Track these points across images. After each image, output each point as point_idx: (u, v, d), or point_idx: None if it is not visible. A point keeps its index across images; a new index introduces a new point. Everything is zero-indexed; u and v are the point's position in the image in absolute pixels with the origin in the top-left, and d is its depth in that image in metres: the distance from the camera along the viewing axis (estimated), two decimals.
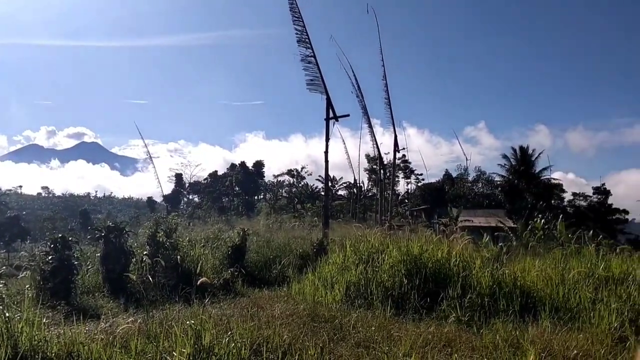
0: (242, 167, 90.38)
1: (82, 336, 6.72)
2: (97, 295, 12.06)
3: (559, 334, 7.75)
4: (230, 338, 6.54)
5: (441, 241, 12.59)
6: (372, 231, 14.80)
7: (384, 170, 44.36)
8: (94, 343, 6.47)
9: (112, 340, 6.71)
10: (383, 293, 10.53)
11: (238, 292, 13.01)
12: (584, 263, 11.16)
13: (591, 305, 9.10)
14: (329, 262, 13.20)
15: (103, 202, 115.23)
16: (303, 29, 25.93)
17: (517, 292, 9.87)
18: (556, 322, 8.61)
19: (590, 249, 12.38)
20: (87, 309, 10.41)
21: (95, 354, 6.14)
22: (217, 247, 17.22)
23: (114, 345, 6.44)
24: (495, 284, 10.11)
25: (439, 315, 9.48)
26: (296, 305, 10.10)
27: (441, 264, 11.20)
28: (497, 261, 11.86)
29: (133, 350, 6.38)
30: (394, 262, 11.37)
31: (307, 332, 7.80)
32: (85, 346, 6.36)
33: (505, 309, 9.39)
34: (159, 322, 7.51)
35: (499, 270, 10.71)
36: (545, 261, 12.28)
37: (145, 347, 6.58)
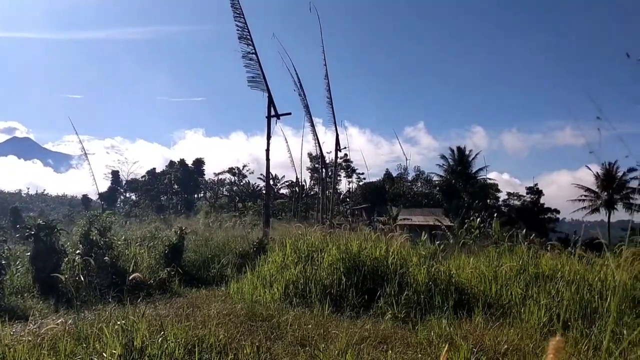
0: (181, 165, 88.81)
1: (7, 338, 6.43)
2: (26, 296, 11.58)
3: (491, 329, 7.98)
4: (163, 338, 6.39)
5: (380, 239, 12.73)
6: (313, 230, 14.81)
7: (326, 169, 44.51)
8: (20, 345, 6.19)
9: (40, 342, 6.45)
10: (322, 291, 10.55)
11: (175, 292, 12.77)
12: (516, 260, 11.50)
13: (522, 301, 9.39)
14: (269, 261, 13.12)
15: (35, 200, 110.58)
16: (244, 26, 25.68)
17: (451, 288, 10.09)
18: (489, 317, 8.84)
19: (522, 247, 12.77)
20: (15, 310, 10.01)
21: (21, 356, 5.88)
22: (153, 246, 16.83)
23: (41, 347, 6.19)
24: (431, 281, 10.29)
25: (376, 312, 9.57)
26: (234, 304, 10.00)
27: (379, 261, 11.32)
28: (434, 259, 12.07)
29: (62, 352, 6.16)
30: (333, 260, 11.41)
31: (244, 331, 7.73)
32: (11, 348, 6.09)
33: (440, 305, 9.56)
34: (90, 323, 7.28)
35: (434, 267, 10.90)
36: (479, 259, 12.60)
37: (75, 348, 6.36)
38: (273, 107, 26.52)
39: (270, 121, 26.49)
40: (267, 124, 26.46)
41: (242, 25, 25.74)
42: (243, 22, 25.71)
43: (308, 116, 35.82)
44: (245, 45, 25.98)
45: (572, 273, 10.46)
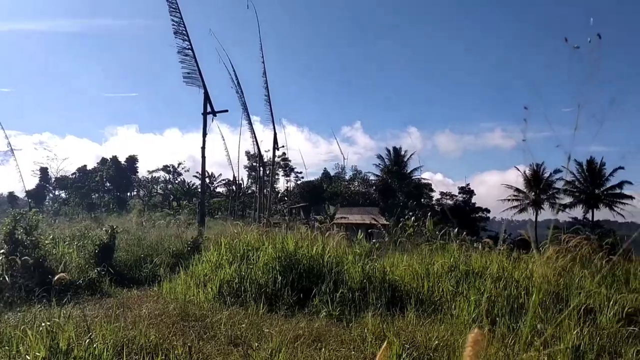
0: (113, 162, 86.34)
1: None
2: None
3: (423, 325, 8.14)
4: (90, 340, 6.18)
5: (316, 238, 12.78)
6: (249, 229, 14.71)
7: (264, 168, 44.35)
8: None
9: None
10: (257, 290, 10.48)
11: (105, 292, 12.37)
12: (448, 258, 11.80)
13: (453, 297, 9.64)
14: (203, 260, 12.92)
15: None
16: (180, 20, 25.27)
17: (385, 286, 10.23)
18: (421, 314, 9.03)
19: (454, 244, 13.12)
20: None
21: None
22: (83, 245, 16.24)
23: None
24: (366, 278, 10.42)
25: (312, 310, 9.59)
26: (166, 304, 9.78)
27: (315, 260, 11.36)
28: (369, 257, 12.23)
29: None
30: (269, 259, 11.36)
31: (176, 331, 7.58)
32: None
33: (374, 302, 9.68)
34: (13, 325, 6.96)
35: (369, 265, 11.04)
36: (413, 256, 12.85)
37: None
38: (209, 104, 26.21)
39: (206, 118, 26.19)
40: (203, 121, 26.16)
41: (177, 20, 25.34)
42: (179, 17, 25.30)
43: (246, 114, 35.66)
44: (181, 41, 25.60)
45: (500, 270, 10.85)
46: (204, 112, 26.06)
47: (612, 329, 7.57)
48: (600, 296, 8.85)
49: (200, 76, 25.72)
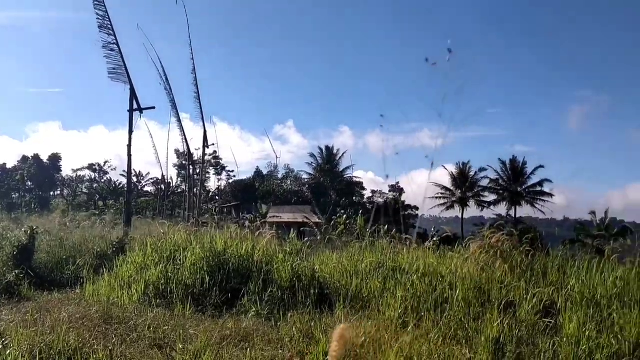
0: (35, 160, 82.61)
1: None
2: None
3: (352, 322, 8.19)
4: (4, 346, 5.86)
5: (246, 237, 12.67)
6: (176, 228, 14.41)
7: (194, 166, 43.60)
8: None
9: None
10: (184, 291, 10.27)
11: (24, 296, 11.79)
12: (376, 255, 11.96)
13: (381, 294, 9.76)
14: (128, 261, 12.54)
15: None
16: (105, 15, 24.47)
17: (315, 284, 10.25)
18: (349, 311, 9.09)
19: (382, 242, 13.33)
20: None
21: None
22: (1, 247, 15.45)
23: None
24: (295, 277, 10.40)
25: (240, 310, 9.49)
26: (89, 307, 9.41)
27: (245, 259, 11.25)
28: (299, 255, 12.23)
29: None
30: (196, 259, 11.16)
31: (97, 335, 7.30)
32: None
33: (303, 301, 9.68)
34: None
35: (299, 264, 11.02)
36: (343, 254, 12.95)
37: None
38: (136, 101, 25.51)
39: (132, 115, 25.48)
40: (129, 118, 25.42)
41: (102, 14, 24.53)
42: (104, 10, 24.50)
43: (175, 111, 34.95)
44: (106, 35, 24.79)
45: (426, 266, 11.09)
46: (130, 109, 25.33)
47: (531, 321, 7.86)
48: (520, 290, 9.18)
49: (126, 72, 25.02)
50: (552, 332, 7.51)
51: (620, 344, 6.64)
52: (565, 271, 10.58)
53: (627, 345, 6.59)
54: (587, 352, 6.43)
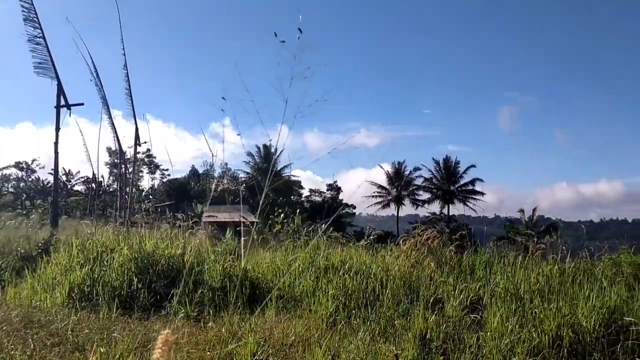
0: None
1: None
2: None
3: (282, 322, 8.16)
4: None
5: (177, 237, 12.42)
6: (104, 229, 13.97)
7: (125, 164, 42.41)
8: None
9: None
10: (110, 293, 9.93)
11: None
12: (309, 254, 11.97)
13: (312, 292, 9.76)
14: (52, 263, 12.03)
15: None
16: (31, 6, 23.38)
17: (246, 284, 10.15)
18: (281, 310, 9.06)
19: (316, 240, 13.36)
20: None
21: None
22: None
23: None
24: (227, 277, 10.26)
25: (169, 312, 9.26)
26: (9, 311, 8.97)
27: (175, 260, 11.01)
28: (233, 255, 12.10)
29: None
30: (124, 260, 10.82)
31: (16, 340, 6.96)
32: None
33: (235, 301, 9.56)
34: None
35: (230, 264, 10.89)
36: (277, 253, 12.91)
37: None
38: (63, 97, 24.53)
39: (59, 111, 24.48)
40: (56, 115, 24.42)
41: (28, 5, 23.42)
42: (29, 2, 23.40)
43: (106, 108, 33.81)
44: (32, 28, 23.68)
45: (359, 264, 11.19)
46: (57, 105, 24.34)
47: (457, 316, 8.04)
48: (448, 286, 9.38)
49: (54, 67, 24.01)
50: (477, 327, 7.71)
51: (540, 337, 6.88)
52: (492, 267, 10.90)
53: (547, 339, 6.84)
54: (509, 346, 6.63)
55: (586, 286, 8.86)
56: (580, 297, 8.14)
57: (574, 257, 11.47)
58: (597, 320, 7.24)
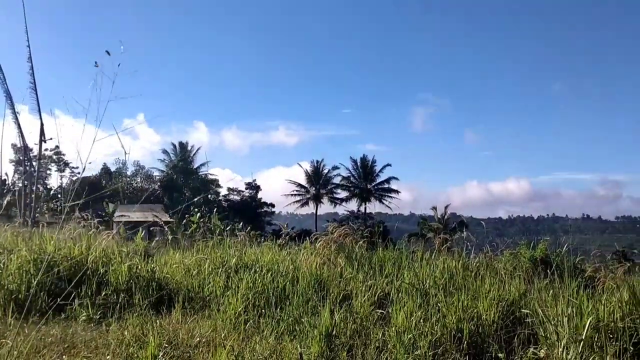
0: None
1: None
2: None
3: (188, 323, 7.99)
4: None
5: (82, 237, 11.92)
6: (2, 229, 13.19)
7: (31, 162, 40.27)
8: None
9: None
10: (6, 297, 9.36)
11: None
12: (221, 253, 11.81)
13: (223, 292, 9.63)
14: None
15: None
16: None
17: (154, 285, 9.89)
18: (189, 311, 8.87)
19: (229, 240, 13.23)
20: None
21: None
22: None
23: None
24: (133, 278, 9.95)
25: (70, 315, 8.85)
26: None
27: (78, 261, 10.53)
28: (142, 255, 11.77)
29: None
30: (22, 262, 10.25)
31: None
32: None
33: (141, 303, 9.29)
34: None
35: (137, 264, 10.57)
36: (188, 253, 12.65)
37: None
38: None
39: None
40: None
41: None
42: None
43: (9, 102, 31.91)
44: None
45: (272, 262, 11.15)
46: None
47: (365, 312, 8.15)
48: (357, 283, 9.50)
49: None
50: (383, 323, 7.84)
51: (442, 330, 7.09)
52: (401, 263, 11.14)
53: (449, 332, 7.06)
54: (412, 340, 6.78)
55: (487, 280, 9.23)
56: (481, 291, 8.45)
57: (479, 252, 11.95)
58: (496, 312, 7.55)
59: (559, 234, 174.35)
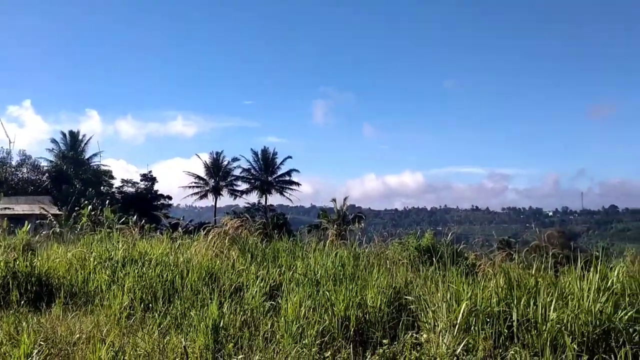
0: None
1: None
2: None
3: (69, 319, 7.63)
4: None
5: None
6: None
7: None
8: None
9: None
10: None
11: None
12: (109, 247, 11.37)
13: (108, 287, 9.27)
14: None
15: None
16: None
17: (33, 280, 9.36)
18: (71, 307, 8.48)
19: (116, 233, 12.76)
20: None
21: None
22: None
23: None
24: (10, 274, 9.36)
25: None
26: None
27: None
28: (23, 250, 11.11)
29: None
30: None
31: None
32: None
33: (19, 299, 8.78)
34: None
35: (15, 259, 9.95)
36: (72, 247, 12.09)
37: None
38: None
39: None
40: None
41: None
42: None
43: None
44: None
45: (162, 255, 10.86)
46: None
47: (256, 304, 8.12)
48: (250, 274, 9.45)
49: None
50: (274, 313, 7.85)
51: (331, 319, 7.20)
52: (295, 254, 11.21)
53: (336, 320, 7.18)
54: (300, 330, 6.84)
55: (377, 269, 9.48)
56: (370, 280, 8.67)
57: (372, 242, 12.28)
58: (383, 300, 7.76)
59: (450, 224, 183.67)
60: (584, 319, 6.03)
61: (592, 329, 5.90)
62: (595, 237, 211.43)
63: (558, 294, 6.70)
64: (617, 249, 18.45)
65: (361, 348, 6.77)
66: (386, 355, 6.32)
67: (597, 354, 5.69)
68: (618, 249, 16.30)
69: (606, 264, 7.40)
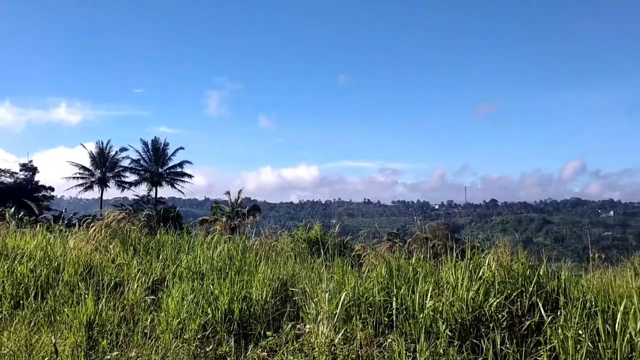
0: None
1: None
2: None
3: None
4: None
5: None
6: None
7: None
8: None
9: None
10: None
11: None
12: None
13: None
14: None
15: None
16: None
17: None
18: None
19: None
20: None
21: None
22: None
23: None
24: None
25: None
26: None
27: None
28: None
29: None
30: None
31: None
32: None
33: None
34: None
35: None
36: None
37: None
38: None
39: None
40: None
41: None
42: None
43: None
44: None
45: (36, 249, 10.21)
46: None
47: (136, 299, 7.85)
48: (131, 268, 9.11)
49: None
50: (155, 308, 7.62)
51: (214, 312, 7.08)
52: (180, 247, 10.94)
53: (219, 313, 7.08)
54: (181, 324, 6.69)
55: (264, 261, 9.46)
56: (257, 272, 8.62)
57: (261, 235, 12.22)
58: (268, 292, 7.74)
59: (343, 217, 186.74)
60: (457, 306, 6.34)
61: (465, 315, 6.22)
62: (477, 229, 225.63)
63: (435, 283, 7.00)
64: (496, 240, 19.66)
65: (244, 341, 6.73)
66: (268, 347, 6.32)
67: (468, 339, 6.00)
68: (497, 241, 17.38)
69: (480, 255, 7.81)
